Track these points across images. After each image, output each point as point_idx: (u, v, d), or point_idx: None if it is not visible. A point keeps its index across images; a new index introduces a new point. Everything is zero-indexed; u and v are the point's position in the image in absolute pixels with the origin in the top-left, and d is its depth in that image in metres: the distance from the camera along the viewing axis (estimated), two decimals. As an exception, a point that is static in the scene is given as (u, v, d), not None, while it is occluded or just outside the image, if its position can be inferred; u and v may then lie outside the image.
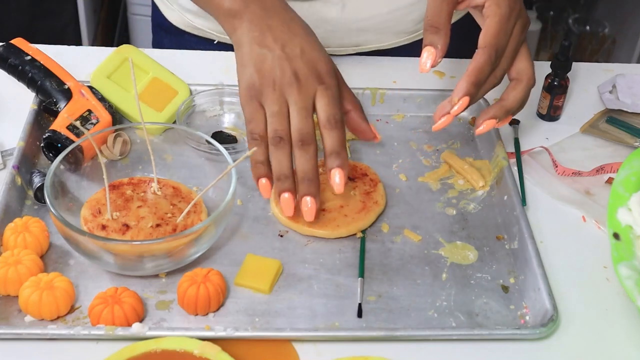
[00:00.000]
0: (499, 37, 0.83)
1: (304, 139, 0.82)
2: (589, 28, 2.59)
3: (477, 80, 0.82)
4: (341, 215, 0.88)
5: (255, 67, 0.83)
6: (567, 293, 0.83)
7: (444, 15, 0.83)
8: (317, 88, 0.83)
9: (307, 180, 0.82)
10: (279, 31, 0.84)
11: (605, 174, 0.98)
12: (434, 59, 0.83)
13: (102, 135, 0.91)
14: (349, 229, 0.87)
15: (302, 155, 0.82)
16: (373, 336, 0.77)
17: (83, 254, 0.80)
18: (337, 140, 0.83)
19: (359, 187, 0.91)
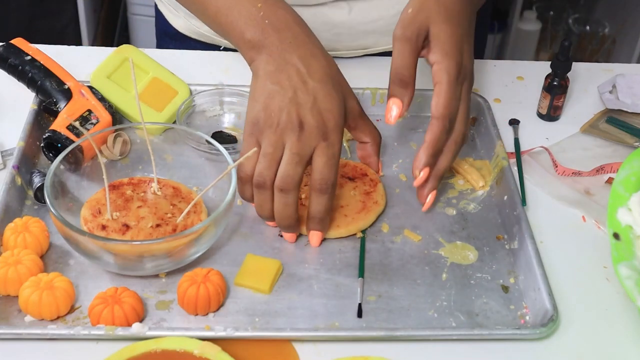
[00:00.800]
0: (450, 106, 0.85)
1: (285, 185, 0.81)
2: (589, 28, 2.59)
3: (434, 151, 0.85)
4: (341, 216, 0.88)
5: (264, 103, 0.82)
6: (567, 293, 0.83)
7: (412, 70, 0.85)
8: (319, 143, 0.81)
9: (285, 226, 0.84)
10: (295, 70, 0.83)
11: (605, 174, 0.98)
12: (400, 112, 0.87)
13: (102, 135, 0.91)
14: (349, 229, 0.87)
15: (280, 201, 0.82)
16: (373, 336, 0.77)
17: (83, 254, 0.80)
18: (324, 207, 0.83)
19: (359, 187, 0.91)
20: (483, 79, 1.13)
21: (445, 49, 0.85)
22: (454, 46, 0.85)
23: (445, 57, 0.85)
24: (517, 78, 1.14)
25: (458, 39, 0.86)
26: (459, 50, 0.86)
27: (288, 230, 0.85)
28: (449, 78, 0.84)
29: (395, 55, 0.86)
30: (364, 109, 0.90)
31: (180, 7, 1.14)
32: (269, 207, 0.83)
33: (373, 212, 0.89)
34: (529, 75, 1.14)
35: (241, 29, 0.85)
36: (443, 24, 0.85)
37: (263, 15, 0.85)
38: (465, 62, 0.86)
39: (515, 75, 1.14)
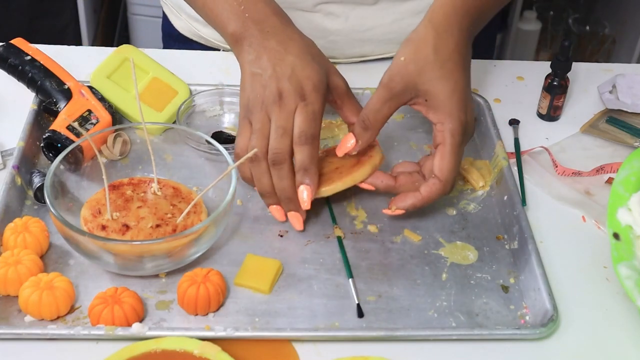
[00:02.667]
0: (455, 169, 0.85)
1: (276, 159, 0.82)
2: (589, 28, 2.59)
3: (422, 205, 0.86)
4: (336, 173, 0.87)
5: (250, 88, 0.85)
6: (567, 293, 0.83)
7: (379, 117, 0.85)
8: (297, 104, 0.83)
9: (285, 198, 0.85)
10: (274, 52, 0.85)
11: (605, 174, 0.98)
12: (351, 149, 0.86)
13: (102, 135, 0.91)
14: (344, 181, 0.86)
15: (275, 174, 0.83)
16: (373, 336, 0.77)
17: (83, 254, 0.80)
18: (307, 157, 0.83)
19: (354, 155, 0.90)
20: (483, 79, 1.13)
21: (447, 109, 0.84)
22: (456, 105, 0.84)
23: (448, 118, 0.83)
24: (517, 78, 1.14)
25: (460, 97, 0.84)
26: (461, 108, 0.84)
27: (290, 204, 0.85)
28: (454, 141, 0.84)
29: (372, 98, 0.85)
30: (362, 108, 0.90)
31: (182, 9, 1.14)
32: (266, 181, 0.84)
33: (368, 164, 0.87)
34: (529, 75, 1.14)
35: (224, 23, 0.88)
36: (441, 81, 0.83)
37: (244, 9, 0.87)
38: (469, 118, 0.85)
39: (515, 75, 1.14)
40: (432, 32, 0.84)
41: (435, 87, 0.84)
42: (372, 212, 0.92)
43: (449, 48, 0.84)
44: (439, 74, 0.84)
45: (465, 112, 0.84)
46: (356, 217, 0.91)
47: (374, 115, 0.85)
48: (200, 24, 1.13)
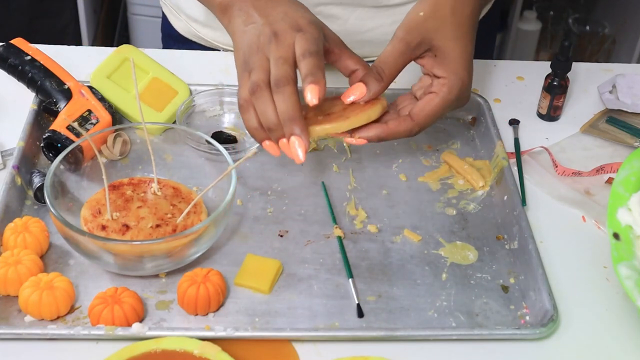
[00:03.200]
0: (433, 120, 0.85)
1: (278, 81, 0.79)
2: (589, 28, 2.59)
3: (386, 138, 0.85)
4: (347, 111, 0.84)
5: (245, 44, 0.84)
6: (567, 293, 0.83)
7: (394, 70, 0.85)
8: (295, 37, 0.81)
9: (287, 120, 0.79)
10: (264, 6, 0.84)
11: (605, 174, 0.98)
12: (359, 98, 0.84)
13: (102, 135, 0.91)
14: (359, 118, 0.83)
15: (278, 97, 0.80)
16: (373, 336, 0.77)
17: (83, 254, 0.80)
18: (312, 65, 0.80)
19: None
20: (483, 79, 1.13)
21: (455, 67, 0.85)
22: (463, 67, 0.85)
23: (453, 75, 0.85)
24: (517, 78, 1.14)
25: (468, 60, 0.86)
26: (468, 70, 0.86)
27: (292, 126, 0.79)
28: (449, 96, 0.85)
29: (386, 50, 0.85)
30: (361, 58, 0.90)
31: (181, 10, 1.14)
32: (271, 110, 0.80)
33: (379, 104, 0.85)
34: (529, 75, 1.14)
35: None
36: (455, 41, 0.85)
37: None
38: (468, 84, 0.86)
39: (515, 75, 1.14)
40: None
41: (448, 45, 0.85)
42: (372, 212, 0.92)
43: (465, 13, 0.86)
44: (454, 34, 0.85)
45: (468, 75, 0.86)
46: (356, 217, 0.91)
47: (389, 68, 0.85)
48: (199, 25, 1.13)
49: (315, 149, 0.99)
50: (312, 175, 0.96)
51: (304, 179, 0.95)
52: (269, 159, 0.97)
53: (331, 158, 0.99)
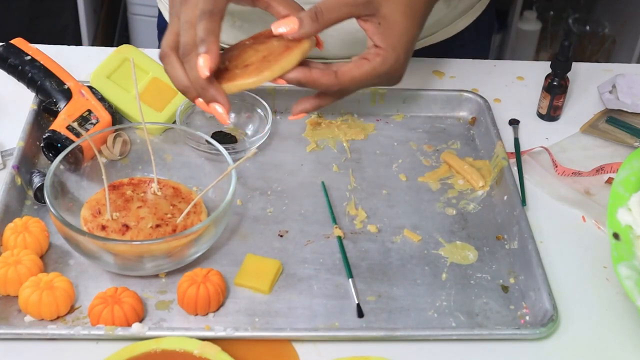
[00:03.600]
0: (357, 85, 0.83)
1: (184, 50, 0.79)
2: (589, 28, 2.59)
3: (305, 83, 0.81)
4: (264, 63, 0.81)
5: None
6: (567, 293, 0.83)
7: (332, 16, 0.81)
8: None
9: (200, 88, 0.80)
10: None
11: (605, 174, 0.98)
12: (289, 33, 0.80)
13: (102, 135, 0.91)
14: (273, 70, 0.79)
15: (187, 67, 0.80)
16: (373, 336, 0.77)
17: (83, 254, 0.80)
18: (201, 30, 0.78)
19: (284, 40, 0.82)
20: (483, 79, 1.13)
21: (394, 42, 0.83)
22: (404, 44, 0.83)
23: (390, 49, 0.82)
24: (517, 78, 1.14)
25: (410, 39, 0.84)
26: (406, 50, 0.84)
27: (206, 94, 0.79)
28: (380, 67, 0.82)
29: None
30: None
31: None
32: (180, 74, 0.80)
33: (297, 50, 0.80)
34: (529, 75, 1.14)
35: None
36: (402, 15, 0.83)
37: None
38: (402, 66, 0.84)
39: (515, 75, 1.14)
40: None
41: (395, 18, 0.83)
42: (372, 212, 0.92)
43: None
44: (404, 10, 0.83)
45: (405, 55, 0.83)
46: (356, 217, 0.91)
47: (328, 12, 0.81)
48: None
49: (315, 149, 0.99)
50: (312, 175, 0.96)
51: (304, 179, 0.95)
52: (269, 159, 0.97)
53: (331, 158, 0.99)
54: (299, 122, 1.03)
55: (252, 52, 0.83)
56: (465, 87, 1.09)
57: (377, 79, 0.83)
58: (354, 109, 1.05)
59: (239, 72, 0.81)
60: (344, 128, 1.02)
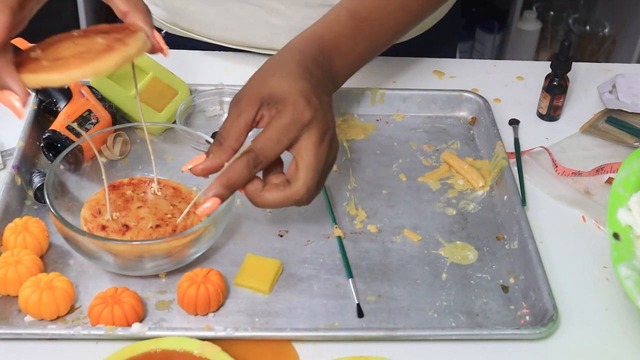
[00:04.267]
0: (267, 145, 0.76)
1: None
2: (589, 28, 2.59)
3: (228, 182, 0.75)
4: (77, 59, 0.70)
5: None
6: (567, 293, 0.83)
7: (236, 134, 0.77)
8: None
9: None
10: None
11: (605, 174, 0.98)
12: (197, 165, 0.76)
13: (102, 135, 0.91)
14: (83, 69, 0.69)
15: None
16: (373, 336, 0.77)
17: (83, 254, 0.80)
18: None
19: (111, 37, 0.73)
20: (483, 79, 1.13)
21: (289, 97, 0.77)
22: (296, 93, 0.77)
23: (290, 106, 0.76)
24: (517, 78, 1.14)
25: (300, 88, 0.77)
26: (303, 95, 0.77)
27: (0, 82, 0.69)
28: (282, 120, 0.76)
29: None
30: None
31: None
32: None
33: (119, 53, 0.70)
34: (529, 75, 1.14)
35: None
36: (280, 82, 0.77)
37: None
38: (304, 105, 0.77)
39: (515, 75, 1.14)
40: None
41: (275, 87, 0.77)
42: (372, 212, 0.92)
43: (296, 58, 0.80)
44: (278, 78, 0.78)
45: (303, 99, 0.76)
46: (356, 217, 0.91)
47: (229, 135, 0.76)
48: (173, 16, 1.12)
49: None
50: (312, 175, 0.96)
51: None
52: (269, 159, 0.97)
53: (331, 158, 0.98)
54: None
55: (71, 45, 0.72)
56: (465, 87, 1.09)
57: (292, 132, 0.76)
58: (354, 109, 1.05)
59: (47, 64, 0.70)
60: (344, 128, 1.02)
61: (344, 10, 0.86)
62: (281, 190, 0.77)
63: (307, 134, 0.77)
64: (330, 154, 0.79)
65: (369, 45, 0.87)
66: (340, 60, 0.84)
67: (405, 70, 1.13)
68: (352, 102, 1.05)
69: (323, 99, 0.79)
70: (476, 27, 2.66)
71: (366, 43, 0.86)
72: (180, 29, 1.11)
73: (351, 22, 0.85)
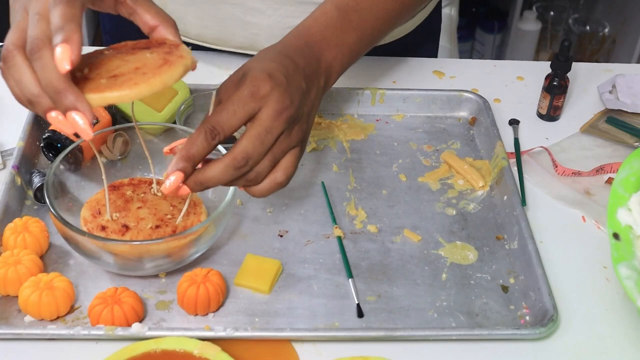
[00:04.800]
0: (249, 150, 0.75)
1: (33, 46, 0.65)
2: (589, 28, 2.60)
3: (187, 155, 0.72)
4: (138, 75, 0.69)
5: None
6: (567, 293, 0.83)
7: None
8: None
9: (54, 93, 0.66)
10: None
11: (605, 174, 0.98)
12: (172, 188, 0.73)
13: (102, 135, 0.91)
14: (151, 84, 0.68)
15: (37, 66, 0.66)
16: (373, 336, 0.77)
17: (83, 254, 0.80)
18: (60, 17, 0.65)
19: (157, 51, 0.72)
20: (483, 79, 1.13)
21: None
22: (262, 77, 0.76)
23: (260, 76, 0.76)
24: (517, 78, 1.14)
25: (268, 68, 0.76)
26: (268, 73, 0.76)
27: (63, 100, 0.65)
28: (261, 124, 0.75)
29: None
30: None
31: None
32: (28, 77, 0.67)
33: (179, 65, 0.70)
34: (529, 75, 1.14)
35: None
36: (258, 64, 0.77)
37: None
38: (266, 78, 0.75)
39: (515, 75, 1.14)
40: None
41: (245, 67, 0.77)
42: (372, 212, 0.92)
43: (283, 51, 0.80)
44: (251, 61, 0.78)
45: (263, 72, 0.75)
46: (356, 217, 0.91)
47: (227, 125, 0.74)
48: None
49: (315, 149, 0.99)
50: (312, 175, 0.96)
51: (304, 179, 0.95)
52: (268, 159, 0.97)
53: (331, 158, 0.99)
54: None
55: (120, 62, 0.71)
56: (465, 87, 1.09)
57: (272, 133, 0.75)
58: (353, 109, 1.05)
59: (106, 82, 0.68)
60: (344, 128, 1.02)
61: (331, 3, 0.86)
62: (220, 160, 0.74)
63: (265, 108, 0.74)
64: (288, 134, 0.76)
65: (360, 36, 0.86)
66: (330, 52, 0.83)
67: (405, 70, 1.13)
68: (352, 102, 1.05)
69: (294, 81, 0.77)
70: (476, 27, 2.66)
71: (356, 33, 0.86)
72: None
73: (338, 14, 0.85)
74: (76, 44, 0.64)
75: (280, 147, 0.76)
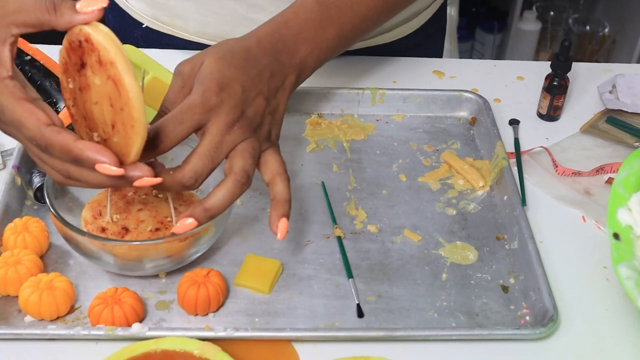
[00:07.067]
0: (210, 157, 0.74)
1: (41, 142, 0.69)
2: (589, 28, 2.60)
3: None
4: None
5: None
6: (567, 293, 0.83)
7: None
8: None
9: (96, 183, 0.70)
10: None
11: (605, 174, 0.98)
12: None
13: (102, 135, 0.91)
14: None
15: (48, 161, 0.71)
16: (373, 336, 0.77)
17: (83, 254, 0.80)
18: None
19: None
20: (483, 79, 1.13)
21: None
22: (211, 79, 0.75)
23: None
24: (517, 78, 1.14)
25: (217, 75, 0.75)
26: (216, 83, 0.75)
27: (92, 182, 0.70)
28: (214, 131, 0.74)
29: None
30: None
31: None
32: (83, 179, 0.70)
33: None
34: (529, 75, 1.14)
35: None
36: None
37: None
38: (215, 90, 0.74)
39: (515, 75, 1.14)
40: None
41: (205, 65, 0.76)
42: (372, 212, 0.92)
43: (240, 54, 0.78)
44: (214, 57, 0.76)
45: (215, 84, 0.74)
46: (356, 217, 0.91)
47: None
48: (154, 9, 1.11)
49: (315, 149, 0.99)
50: (312, 176, 0.96)
51: (304, 179, 0.95)
52: (269, 159, 0.97)
53: (331, 158, 0.99)
54: (299, 122, 1.03)
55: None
56: (465, 87, 1.09)
57: (231, 135, 0.74)
58: (353, 109, 1.05)
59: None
60: (344, 128, 1.02)
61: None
62: (170, 175, 0.74)
63: (215, 119, 0.74)
64: (249, 140, 0.75)
65: (338, 32, 0.85)
66: (306, 46, 0.83)
67: (405, 70, 1.13)
68: (352, 102, 1.05)
69: (253, 87, 0.76)
70: (476, 27, 2.66)
71: (335, 29, 0.85)
72: (162, 23, 1.10)
73: (318, 8, 0.84)
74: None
75: (238, 155, 0.75)
